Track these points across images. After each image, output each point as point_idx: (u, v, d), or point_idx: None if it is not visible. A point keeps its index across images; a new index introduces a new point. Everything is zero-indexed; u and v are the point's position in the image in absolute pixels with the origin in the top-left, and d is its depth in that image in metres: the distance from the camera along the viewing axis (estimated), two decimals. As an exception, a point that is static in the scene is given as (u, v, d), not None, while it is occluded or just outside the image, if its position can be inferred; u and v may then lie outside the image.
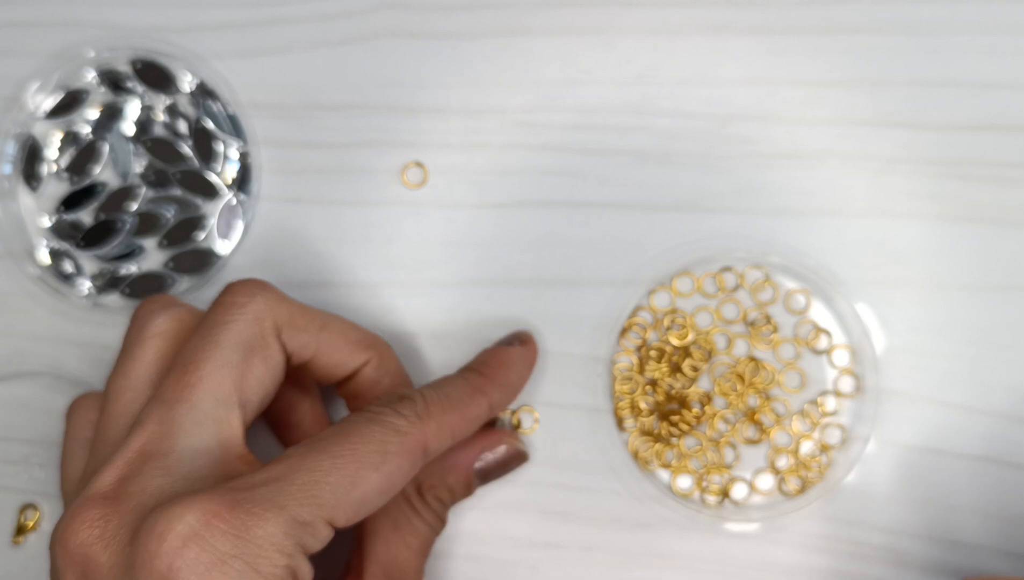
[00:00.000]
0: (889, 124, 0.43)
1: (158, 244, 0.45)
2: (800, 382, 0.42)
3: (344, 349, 0.37)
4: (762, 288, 0.43)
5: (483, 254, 0.44)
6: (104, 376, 0.44)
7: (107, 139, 0.45)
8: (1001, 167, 0.42)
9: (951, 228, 0.42)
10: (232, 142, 0.45)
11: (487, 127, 0.44)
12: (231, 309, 0.34)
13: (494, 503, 0.42)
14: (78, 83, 0.45)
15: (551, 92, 0.44)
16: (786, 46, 0.44)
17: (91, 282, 0.45)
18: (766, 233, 0.43)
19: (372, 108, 0.45)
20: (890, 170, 0.43)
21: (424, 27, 0.45)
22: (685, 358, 0.42)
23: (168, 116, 0.45)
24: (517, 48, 0.45)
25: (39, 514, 0.44)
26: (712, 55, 0.44)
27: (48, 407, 0.44)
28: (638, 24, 0.44)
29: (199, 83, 0.45)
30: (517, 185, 0.44)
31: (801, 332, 0.42)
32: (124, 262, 0.45)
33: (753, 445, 0.42)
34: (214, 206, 0.45)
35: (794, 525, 0.41)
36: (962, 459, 0.41)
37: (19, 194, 0.45)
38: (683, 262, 0.43)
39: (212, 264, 0.44)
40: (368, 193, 0.44)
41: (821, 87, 0.43)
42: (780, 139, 0.43)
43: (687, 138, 0.44)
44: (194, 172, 0.45)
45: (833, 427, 0.42)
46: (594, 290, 0.43)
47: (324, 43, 0.45)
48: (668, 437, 0.42)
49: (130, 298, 0.45)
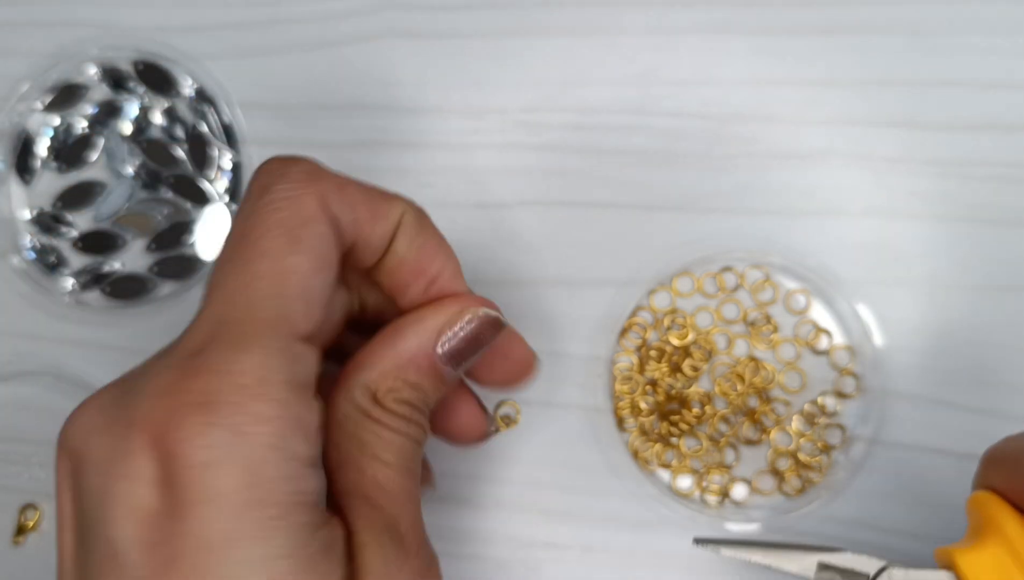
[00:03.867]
0: (889, 124, 0.43)
1: (146, 247, 0.45)
2: (800, 382, 0.42)
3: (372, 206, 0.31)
4: (762, 288, 0.43)
5: (483, 254, 0.44)
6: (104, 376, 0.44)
7: (103, 135, 0.45)
8: (1001, 167, 0.42)
9: (951, 228, 0.42)
10: (227, 152, 0.45)
11: (487, 127, 0.44)
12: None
13: (494, 503, 0.42)
14: (79, 78, 0.45)
15: (551, 92, 0.44)
16: (786, 46, 0.44)
17: (74, 279, 0.45)
18: (766, 233, 0.43)
19: (372, 108, 0.45)
20: (890, 170, 0.43)
21: (424, 27, 0.45)
22: (685, 358, 0.42)
23: (166, 119, 0.45)
24: (517, 48, 0.45)
25: (39, 514, 0.44)
26: (712, 55, 0.44)
27: (50, 407, 0.44)
28: (638, 24, 0.44)
29: (199, 88, 0.45)
30: (517, 185, 0.44)
31: (801, 332, 0.42)
32: (108, 255, 0.45)
33: (753, 445, 0.42)
34: (204, 213, 0.45)
35: (794, 525, 0.41)
36: (962, 459, 0.41)
37: (11, 187, 0.45)
38: (683, 262, 0.43)
39: (196, 271, 0.45)
40: (368, 193, 0.44)
41: (821, 87, 0.43)
42: (780, 139, 0.43)
43: (687, 138, 0.44)
44: (187, 177, 0.45)
45: (833, 427, 0.42)
46: (594, 290, 0.43)
47: (324, 43, 0.45)
48: (668, 437, 0.42)
49: (111, 298, 0.45)
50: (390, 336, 0.31)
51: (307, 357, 0.28)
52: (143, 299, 0.45)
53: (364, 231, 0.30)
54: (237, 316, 0.27)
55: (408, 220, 0.31)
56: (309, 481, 0.27)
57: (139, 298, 0.45)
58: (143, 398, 0.26)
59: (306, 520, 0.26)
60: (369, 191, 0.31)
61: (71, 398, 0.44)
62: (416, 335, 0.31)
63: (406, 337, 0.31)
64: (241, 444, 0.25)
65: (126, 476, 0.25)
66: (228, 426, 0.25)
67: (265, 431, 0.25)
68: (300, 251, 0.28)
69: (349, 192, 0.30)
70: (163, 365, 0.27)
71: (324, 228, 0.29)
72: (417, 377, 0.30)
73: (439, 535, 0.42)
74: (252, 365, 0.26)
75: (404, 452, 0.30)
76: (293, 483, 0.26)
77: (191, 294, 0.44)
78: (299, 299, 0.28)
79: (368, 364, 0.30)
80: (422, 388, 0.31)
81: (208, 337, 0.27)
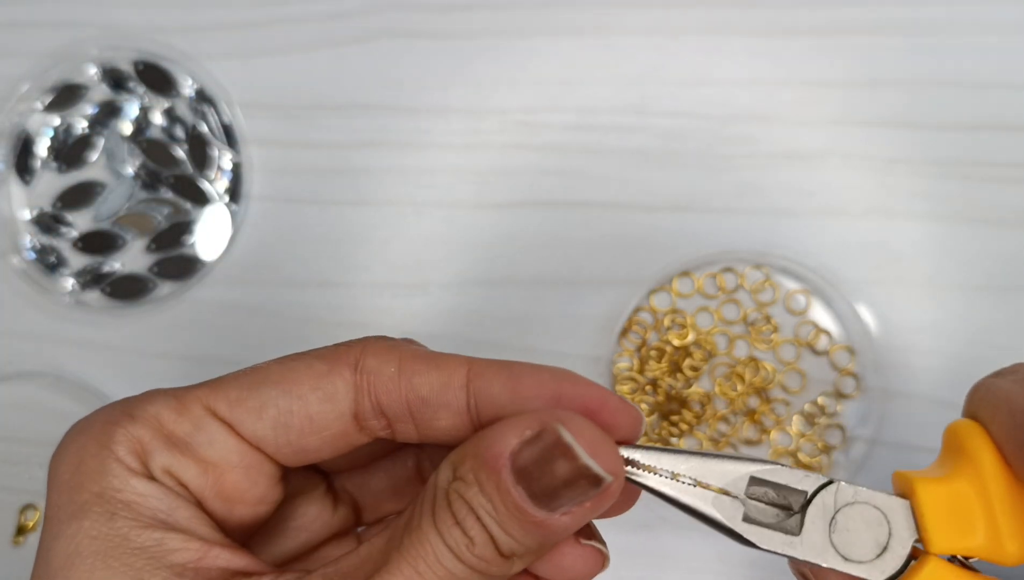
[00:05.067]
0: (889, 124, 0.43)
1: (146, 247, 0.45)
2: (800, 383, 0.42)
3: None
4: (762, 289, 0.43)
5: (483, 254, 0.44)
6: (104, 376, 0.44)
7: (103, 135, 0.45)
8: (1001, 167, 0.42)
9: (951, 228, 0.42)
10: (227, 152, 0.45)
11: (487, 127, 0.44)
12: None
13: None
14: (79, 78, 0.45)
15: (551, 92, 0.44)
16: (786, 46, 0.44)
17: (74, 279, 0.45)
18: (766, 233, 0.43)
19: (372, 108, 0.45)
20: (890, 170, 0.43)
21: (424, 27, 0.45)
22: (685, 358, 0.42)
23: (166, 119, 0.45)
24: (517, 48, 0.45)
25: (39, 514, 0.44)
26: (712, 55, 0.44)
27: (50, 407, 0.44)
28: (638, 24, 0.44)
29: (199, 88, 0.45)
30: (517, 185, 0.44)
31: (801, 332, 0.42)
32: (108, 255, 0.45)
33: (753, 446, 0.42)
34: (204, 213, 0.45)
35: (794, 525, 0.41)
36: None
37: (11, 187, 0.45)
38: (683, 262, 0.43)
39: (196, 271, 0.45)
40: (368, 193, 0.44)
41: (821, 87, 0.43)
42: (780, 139, 0.43)
43: (687, 138, 0.43)
44: (187, 177, 0.45)
45: (833, 427, 0.42)
46: (594, 290, 0.43)
47: (324, 43, 0.45)
48: (668, 437, 0.42)
49: (111, 297, 0.45)
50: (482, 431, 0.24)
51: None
52: (143, 299, 0.45)
53: (410, 385, 0.26)
54: (184, 388, 0.26)
55: (481, 366, 0.26)
56: None
57: (139, 298, 0.45)
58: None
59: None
60: (427, 353, 0.26)
61: (71, 398, 0.44)
62: (493, 429, 0.24)
63: (489, 430, 0.24)
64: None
65: None
66: None
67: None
68: (284, 390, 0.26)
69: (400, 352, 0.26)
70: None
71: (331, 386, 0.26)
72: (484, 473, 0.23)
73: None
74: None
75: (451, 574, 0.23)
76: None
77: (191, 294, 0.44)
78: (246, 410, 0.26)
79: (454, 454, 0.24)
80: (487, 492, 0.23)
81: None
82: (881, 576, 0.24)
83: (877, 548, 0.24)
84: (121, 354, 0.44)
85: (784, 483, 0.25)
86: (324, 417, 0.26)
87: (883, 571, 0.24)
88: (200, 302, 0.44)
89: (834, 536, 0.24)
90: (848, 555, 0.24)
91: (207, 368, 0.27)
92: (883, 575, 0.24)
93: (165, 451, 0.25)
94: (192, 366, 0.44)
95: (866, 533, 0.24)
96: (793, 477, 0.25)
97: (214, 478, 0.26)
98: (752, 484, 0.25)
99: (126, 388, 0.44)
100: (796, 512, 0.25)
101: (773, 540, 0.24)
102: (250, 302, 0.44)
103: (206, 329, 0.44)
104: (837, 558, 0.24)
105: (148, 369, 0.44)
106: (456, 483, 0.23)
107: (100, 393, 0.43)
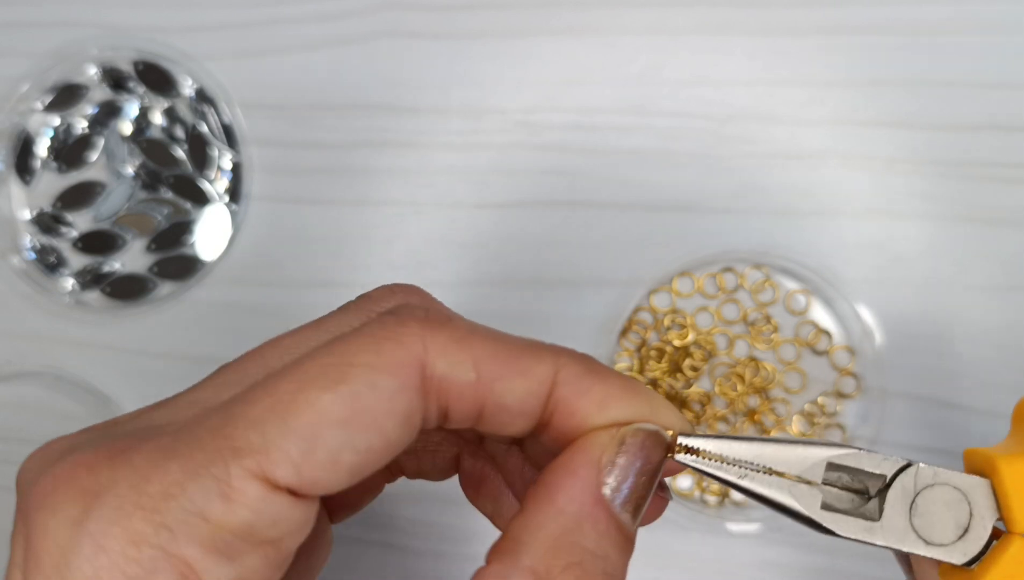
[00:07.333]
0: (889, 124, 0.43)
1: (146, 247, 0.45)
2: (801, 383, 0.42)
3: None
4: (762, 288, 0.43)
5: (483, 254, 0.44)
6: (104, 376, 0.44)
7: (103, 135, 0.45)
8: (1001, 167, 0.42)
9: (951, 228, 0.42)
10: (227, 152, 0.45)
11: (487, 127, 0.44)
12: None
13: (494, 503, 0.42)
14: (79, 78, 0.45)
15: (551, 92, 0.44)
16: (786, 46, 0.44)
17: (74, 279, 0.45)
18: (766, 233, 0.43)
19: (372, 108, 0.45)
20: (890, 170, 0.43)
21: (424, 27, 0.45)
22: (685, 358, 0.42)
23: (166, 119, 0.45)
24: (517, 48, 0.45)
25: (39, 514, 0.44)
26: (712, 55, 0.44)
27: (50, 407, 0.44)
28: (638, 24, 0.44)
29: (199, 88, 0.45)
30: (517, 185, 0.44)
31: (802, 333, 0.42)
32: (108, 255, 0.45)
33: (753, 445, 0.42)
34: (204, 213, 0.45)
35: (794, 525, 0.41)
36: (962, 459, 0.41)
37: (11, 187, 0.45)
38: (683, 262, 0.43)
39: (196, 271, 0.45)
40: (368, 193, 0.44)
41: (821, 87, 0.43)
42: (780, 139, 0.43)
43: (687, 138, 0.43)
44: (187, 177, 0.45)
45: (833, 427, 0.42)
46: (594, 290, 0.43)
47: (324, 43, 0.45)
48: (668, 437, 0.42)
49: (111, 297, 0.45)
50: (543, 494, 0.22)
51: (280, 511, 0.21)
52: (143, 299, 0.45)
53: (491, 393, 0.22)
54: (223, 444, 0.20)
55: (569, 374, 0.23)
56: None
57: (139, 298, 0.45)
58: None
59: None
60: (503, 343, 0.23)
61: (71, 398, 0.44)
62: (573, 482, 0.22)
63: (563, 487, 0.22)
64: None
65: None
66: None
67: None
68: (356, 429, 0.20)
69: (471, 345, 0.22)
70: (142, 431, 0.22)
71: (405, 405, 0.21)
72: (597, 540, 0.22)
73: (439, 535, 0.43)
74: (188, 499, 0.20)
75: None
76: None
77: (191, 294, 0.44)
78: (316, 466, 0.20)
79: (525, 541, 0.21)
80: (609, 559, 0.22)
81: (188, 436, 0.21)
82: (963, 558, 0.24)
83: (958, 530, 0.24)
84: (121, 354, 0.44)
85: (861, 467, 0.24)
86: (401, 442, 0.22)
87: (965, 553, 0.24)
88: (200, 302, 0.44)
89: (915, 520, 0.24)
90: (929, 538, 0.24)
91: (207, 368, 0.27)
92: (965, 557, 0.24)
93: (222, 564, 0.20)
94: (192, 366, 0.44)
95: (947, 515, 0.24)
96: (871, 461, 0.24)
97: (281, 552, 0.21)
98: (829, 470, 0.24)
99: (126, 388, 0.44)
100: (873, 496, 0.24)
101: (853, 527, 0.24)
102: (250, 302, 0.44)
103: (206, 329, 0.44)
104: (919, 542, 0.24)
105: (148, 369, 0.44)
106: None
107: (100, 393, 0.44)
